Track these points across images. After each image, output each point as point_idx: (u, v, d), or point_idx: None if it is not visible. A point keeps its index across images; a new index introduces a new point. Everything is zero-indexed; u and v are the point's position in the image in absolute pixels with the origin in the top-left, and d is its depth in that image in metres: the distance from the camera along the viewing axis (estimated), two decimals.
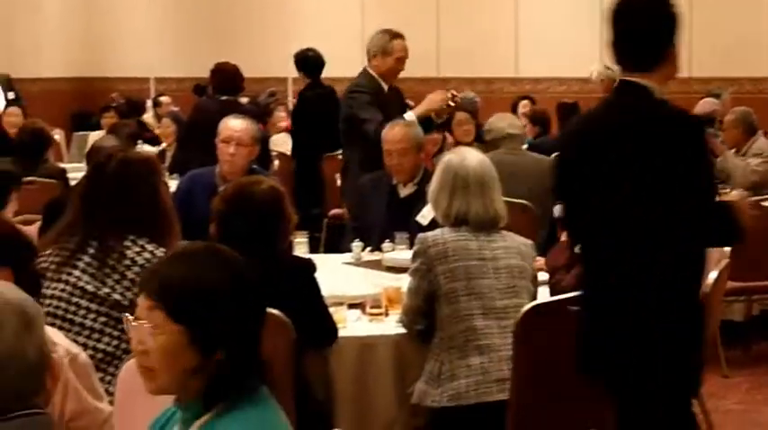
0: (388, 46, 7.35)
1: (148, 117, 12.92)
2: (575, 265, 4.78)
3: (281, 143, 11.01)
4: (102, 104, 13.30)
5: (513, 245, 4.53)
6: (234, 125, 6.20)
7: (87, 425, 3.23)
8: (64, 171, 8.15)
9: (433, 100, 7.22)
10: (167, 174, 8.88)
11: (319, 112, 9.86)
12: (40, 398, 2.14)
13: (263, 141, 9.69)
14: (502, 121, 7.64)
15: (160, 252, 4.11)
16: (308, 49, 10.42)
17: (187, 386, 2.45)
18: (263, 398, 2.47)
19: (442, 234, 4.50)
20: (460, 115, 9.47)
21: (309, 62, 10.32)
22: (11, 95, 12.32)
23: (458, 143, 9.14)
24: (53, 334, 3.28)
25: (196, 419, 2.46)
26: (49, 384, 2.18)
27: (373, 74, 7.38)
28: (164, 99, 13.19)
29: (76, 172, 7.72)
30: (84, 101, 15.42)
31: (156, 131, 11.38)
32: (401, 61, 7.40)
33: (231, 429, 2.41)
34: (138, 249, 4.14)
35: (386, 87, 7.38)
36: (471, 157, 4.66)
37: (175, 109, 11.94)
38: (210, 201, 4.40)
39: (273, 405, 2.50)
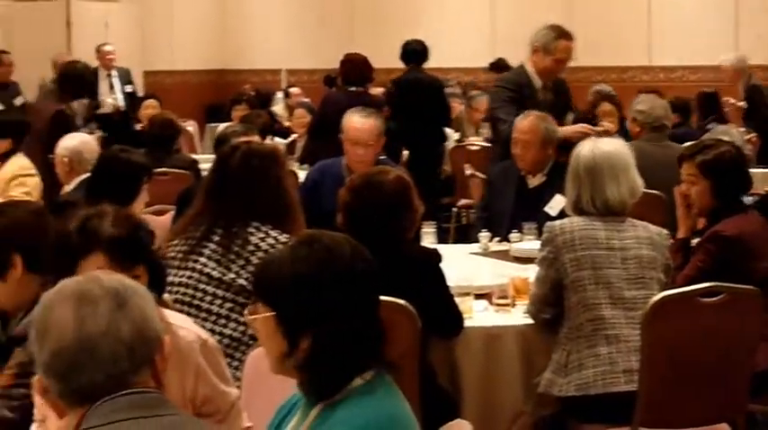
0: (552, 45, 6.96)
1: (279, 108, 13.06)
2: (685, 266, 4.76)
3: None
4: (233, 96, 13.49)
5: (644, 235, 4.46)
6: (358, 125, 6.13)
7: (217, 409, 3.28)
8: (195, 162, 8.26)
9: (575, 130, 6.67)
10: (297, 164, 8.98)
11: (415, 100, 9.78)
12: (144, 377, 2.17)
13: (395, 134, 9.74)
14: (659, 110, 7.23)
15: (284, 238, 4.17)
16: (414, 41, 10.28)
17: (288, 371, 2.52)
18: (380, 386, 2.49)
19: (570, 223, 4.46)
20: (605, 106, 9.31)
21: (411, 52, 10.16)
22: (129, 89, 12.54)
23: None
24: (182, 320, 3.35)
25: (313, 407, 2.50)
26: (159, 365, 2.21)
27: (529, 69, 7.03)
28: (294, 90, 13.31)
29: (209, 163, 7.82)
30: (218, 93, 15.64)
31: (287, 123, 11.50)
32: (561, 63, 7.01)
33: (343, 418, 2.43)
34: (261, 235, 4.21)
35: (539, 85, 7.01)
36: (602, 145, 4.60)
37: (306, 100, 12.03)
38: (338, 192, 4.43)
39: (391, 393, 2.51)
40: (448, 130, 10.32)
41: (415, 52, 10.11)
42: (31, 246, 3.48)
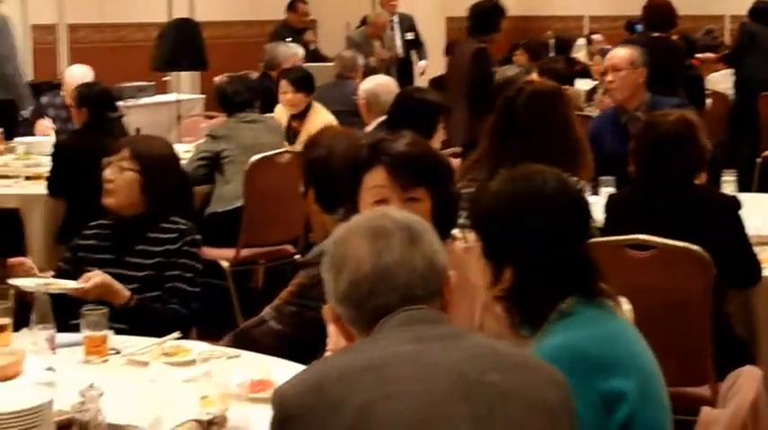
0: None
1: (581, 55, 12.94)
2: None
3: (718, 82, 10.71)
4: (540, 41, 13.44)
5: None
6: (614, 53, 6.10)
7: None
8: None
9: None
10: (597, 110, 8.87)
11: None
12: (434, 306, 2.22)
13: (696, 80, 9.51)
14: None
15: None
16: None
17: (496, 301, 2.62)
18: (579, 316, 2.53)
19: None
20: None
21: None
22: (409, 36, 12.64)
23: None
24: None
25: (529, 342, 2.56)
26: (447, 296, 2.26)
27: None
28: (596, 37, 13.16)
29: None
30: (521, 39, 15.60)
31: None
32: None
33: (552, 342, 2.49)
34: None
35: None
36: None
37: (608, 47, 11.85)
38: (614, 137, 4.40)
39: (588, 323, 2.53)
40: None
41: None
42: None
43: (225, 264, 6.37)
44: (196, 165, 6.71)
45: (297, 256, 6.65)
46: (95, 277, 3.86)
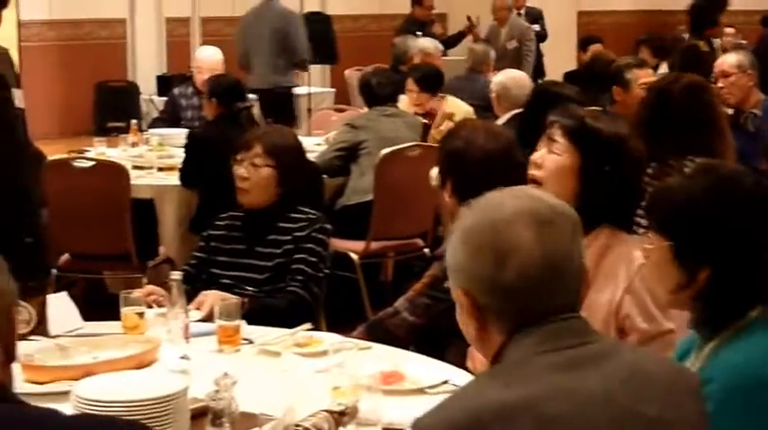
0: None
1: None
2: None
3: None
4: (671, 36, 13.23)
5: None
6: (722, 60, 6.04)
7: (636, 329, 3.22)
8: None
9: None
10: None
11: None
12: (576, 306, 2.14)
13: None
14: None
15: None
16: None
17: (682, 304, 2.49)
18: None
19: None
20: None
21: None
22: (536, 27, 12.47)
23: None
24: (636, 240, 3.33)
25: (707, 342, 2.44)
26: (583, 292, 2.16)
27: None
28: (728, 30, 12.91)
29: None
30: (651, 32, 15.41)
31: None
32: None
33: (732, 359, 2.35)
34: None
35: None
36: None
37: (742, 41, 11.65)
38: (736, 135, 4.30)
39: None
40: None
41: None
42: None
43: (354, 256, 6.39)
44: (332, 155, 6.74)
45: (426, 250, 6.65)
46: (207, 300, 3.85)
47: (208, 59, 8.06)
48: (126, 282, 6.49)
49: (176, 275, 3.65)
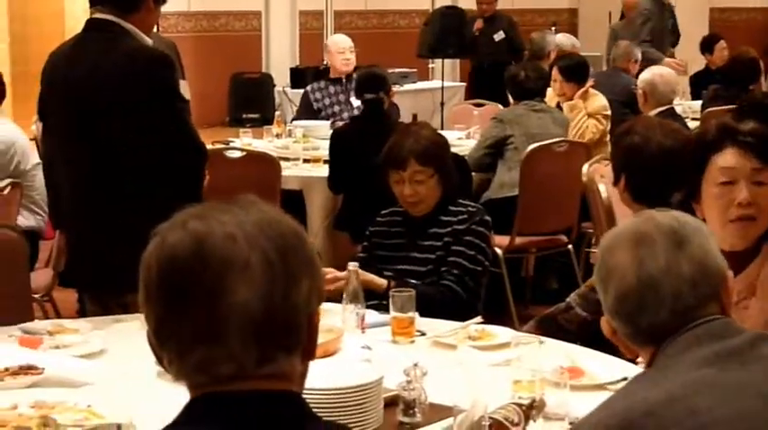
0: None
1: None
2: None
3: None
4: None
5: None
6: None
7: None
8: None
9: None
10: None
11: None
12: (711, 310, 2.13)
13: None
14: None
15: None
16: None
17: None
18: None
19: None
20: None
21: None
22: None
23: None
24: None
25: None
26: (725, 299, 2.16)
27: None
28: None
29: None
30: None
31: None
32: None
33: None
34: None
35: None
36: None
37: None
38: None
39: None
40: None
41: None
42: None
43: (499, 250, 6.41)
44: (482, 152, 6.77)
45: (569, 247, 6.64)
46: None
47: (339, 46, 8.27)
48: None
49: (353, 265, 3.71)
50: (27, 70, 8.95)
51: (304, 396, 1.73)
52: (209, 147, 6.67)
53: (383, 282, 4.03)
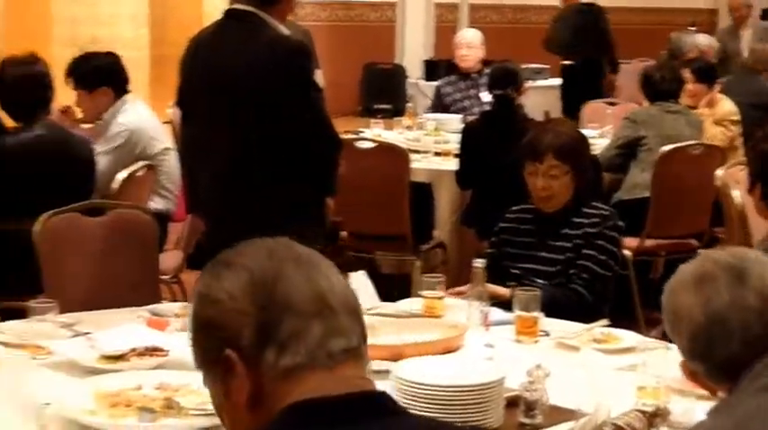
0: None
1: None
2: None
3: None
4: None
5: None
6: None
7: None
8: None
9: None
10: None
11: None
12: None
13: None
14: None
15: None
16: None
17: None
18: None
19: None
20: None
21: None
22: None
23: None
24: None
25: None
26: None
27: None
28: None
29: None
30: None
31: None
32: None
33: None
34: None
35: None
36: None
37: None
38: None
39: None
40: None
41: None
42: None
43: (628, 252, 6.32)
44: (614, 153, 6.70)
45: (700, 251, 6.52)
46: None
47: (467, 41, 8.25)
48: (398, 264, 6.64)
49: (479, 263, 3.70)
50: (165, 53, 9.09)
51: (426, 392, 1.73)
52: (346, 137, 6.80)
53: (506, 291, 3.97)
